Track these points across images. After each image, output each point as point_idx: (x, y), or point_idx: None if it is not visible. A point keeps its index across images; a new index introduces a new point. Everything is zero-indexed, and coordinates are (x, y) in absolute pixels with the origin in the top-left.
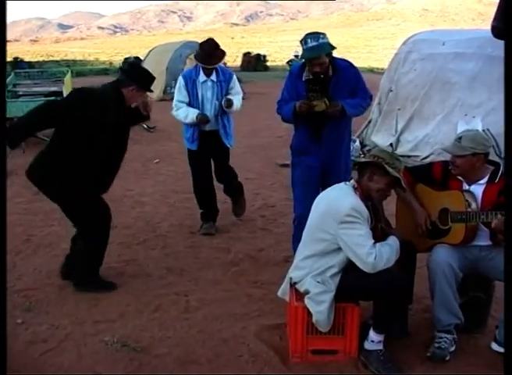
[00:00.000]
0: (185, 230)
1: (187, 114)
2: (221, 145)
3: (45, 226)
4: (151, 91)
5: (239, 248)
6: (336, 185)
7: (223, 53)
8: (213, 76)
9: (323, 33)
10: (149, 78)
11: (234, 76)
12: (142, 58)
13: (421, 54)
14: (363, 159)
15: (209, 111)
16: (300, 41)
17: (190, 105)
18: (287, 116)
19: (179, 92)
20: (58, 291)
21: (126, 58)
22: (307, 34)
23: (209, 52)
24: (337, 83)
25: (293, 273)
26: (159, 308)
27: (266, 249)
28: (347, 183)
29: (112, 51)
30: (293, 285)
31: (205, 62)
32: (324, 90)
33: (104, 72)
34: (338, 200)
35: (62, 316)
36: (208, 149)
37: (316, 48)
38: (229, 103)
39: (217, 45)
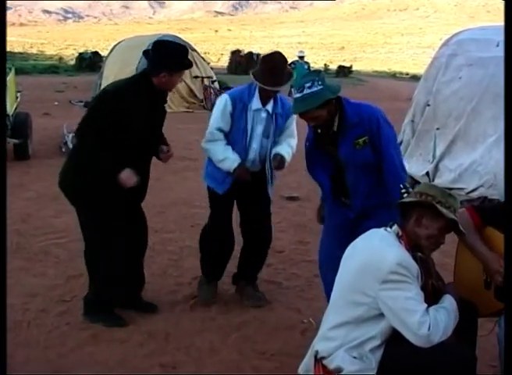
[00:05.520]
0: (169, 281)
1: (225, 158)
2: (261, 193)
3: None
4: (191, 66)
5: (240, 306)
6: (374, 231)
7: (291, 73)
8: (269, 106)
9: (316, 77)
10: (180, 54)
11: None
12: (102, 53)
13: (468, 58)
14: (407, 199)
15: (255, 151)
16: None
17: (228, 136)
18: None
19: (222, 117)
20: None
21: (80, 54)
22: (296, 80)
23: (279, 68)
24: (345, 143)
25: (320, 345)
26: None
27: (275, 309)
28: (388, 229)
29: (62, 43)
30: (319, 360)
31: (271, 82)
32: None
33: (53, 70)
34: (379, 253)
35: None
36: (241, 195)
37: (300, 101)
38: (281, 163)
39: (286, 60)
